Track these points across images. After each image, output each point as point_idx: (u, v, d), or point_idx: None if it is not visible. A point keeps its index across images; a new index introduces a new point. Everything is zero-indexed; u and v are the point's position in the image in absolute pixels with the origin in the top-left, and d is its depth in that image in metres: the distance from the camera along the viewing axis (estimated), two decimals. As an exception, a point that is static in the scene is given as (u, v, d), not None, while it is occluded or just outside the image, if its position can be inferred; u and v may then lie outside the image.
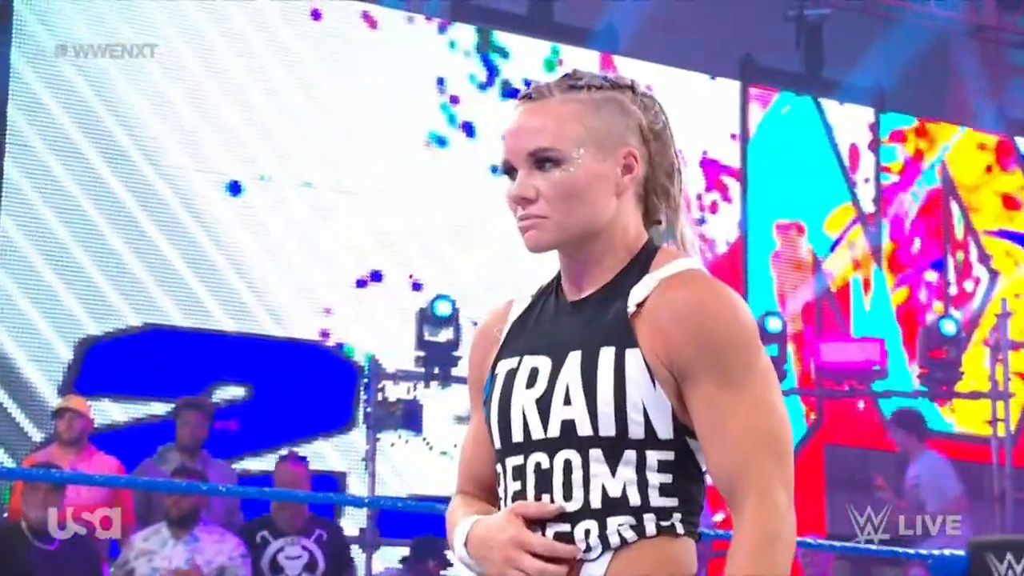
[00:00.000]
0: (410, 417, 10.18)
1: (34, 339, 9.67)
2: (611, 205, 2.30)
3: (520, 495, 2.27)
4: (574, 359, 2.24)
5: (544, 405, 2.26)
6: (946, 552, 5.43)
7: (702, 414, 2.20)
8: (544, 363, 2.28)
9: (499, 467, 2.33)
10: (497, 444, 2.33)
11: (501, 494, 2.33)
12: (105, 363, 9.88)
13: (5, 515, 7.68)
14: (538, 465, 2.26)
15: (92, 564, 7.30)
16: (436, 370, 10.31)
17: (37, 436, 9.38)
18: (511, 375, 2.31)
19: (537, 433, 2.26)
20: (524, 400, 2.28)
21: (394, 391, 10.37)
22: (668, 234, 2.38)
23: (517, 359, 2.32)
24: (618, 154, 2.30)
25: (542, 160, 2.29)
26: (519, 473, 2.28)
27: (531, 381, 2.28)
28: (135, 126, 10.08)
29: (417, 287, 10.81)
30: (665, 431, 2.21)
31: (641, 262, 2.30)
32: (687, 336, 2.20)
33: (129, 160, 10.03)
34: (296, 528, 7.85)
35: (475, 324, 9.85)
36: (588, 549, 2.21)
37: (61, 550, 7.11)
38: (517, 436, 2.29)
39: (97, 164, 9.92)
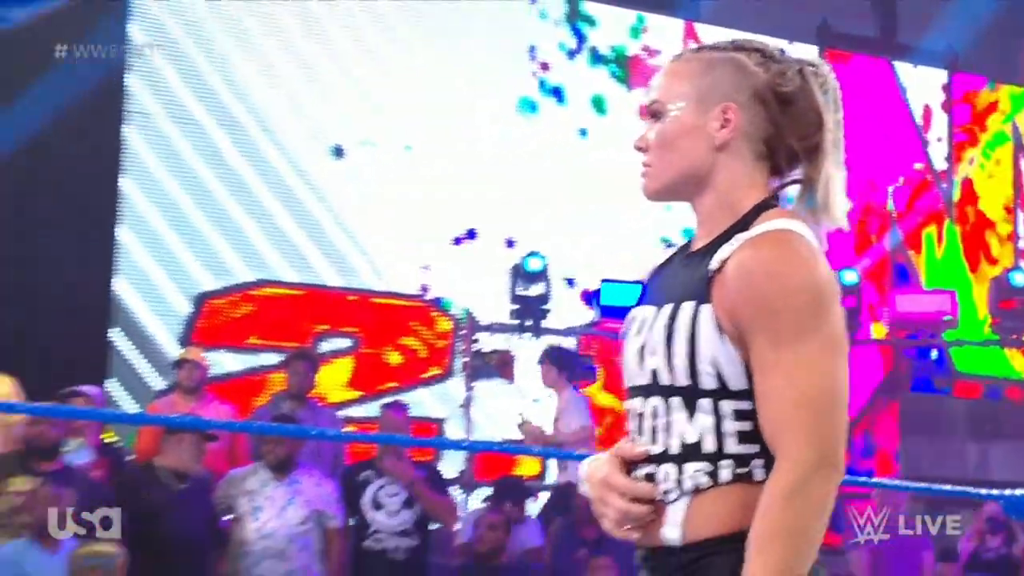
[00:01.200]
0: (504, 366, 10.25)
1: (155, 294, 9.84)
2: (708, 157, 2.30)
3: (630, 436, 2.31)
4: (665, 312, 2.26)
5: (641, 354, 2.29)
6: (1018, 492, 5.39)
7: (754, 370, 2.19)
8: (651, 313, 2.30)
9: None
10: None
11: None
12: (221, 316, 10.03)
13: (133, 457, 7.83)
14: (637, 409, 2.30)
15: (212, 503, 7.44)
16: (528, 322, 10.37)
17: (159, 384, 9.54)
18: (631, 322, 2.35)
19: (637, 380, 2.30)
20: (632, 348, 2.31)
21: (489, 342, 10.46)
22: (810, 196, 2.32)
23: (641, 308, 2.35)
24: (717, 109, 2.30)
25: (651, 113, 2.34)
26: (629, 416, 2.32)
27: (639, 330, 2.31)
28: (246, 94, 10.21)
29: (510, 244, 10.89)
30: (738, 383, 2.20)
31: (745, 221, 2.27)
32: (746, 295, 2.18)
33: (241, 126, 10.17)
34: (397, 469, 7.93)
35: (566, 280, 9.83)
36: (667, 492, 2.23)
37: (188, 490, 7.25)
38: (627, 382, 2.33)
39: (212, 130, 10.07)
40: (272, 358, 9.73)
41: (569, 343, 10.76)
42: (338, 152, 10.53)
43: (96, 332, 9.52)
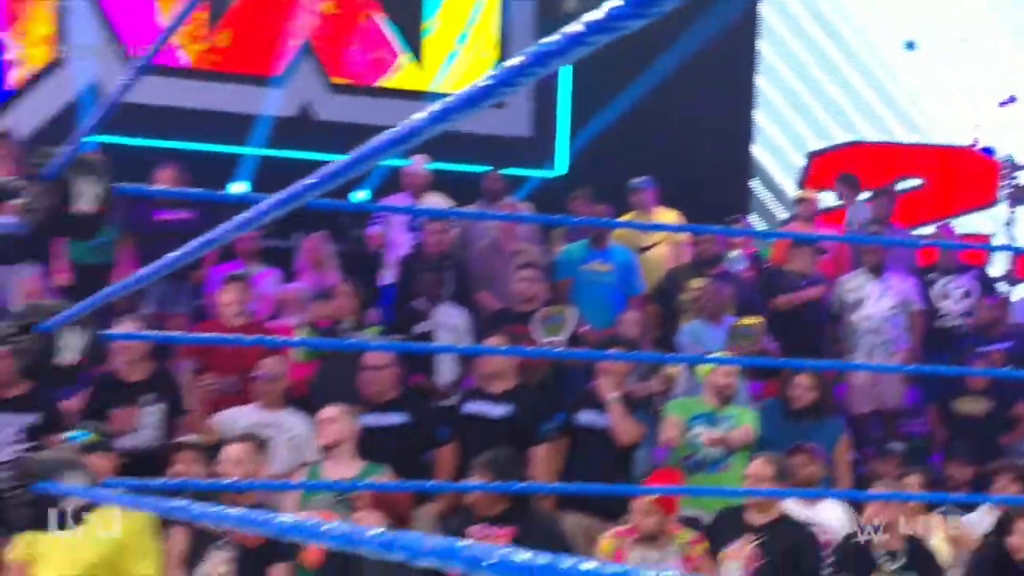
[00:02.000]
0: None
1: (780, 154, 9.92)
2: None
3: None
4: None
5: None
6: None
7: None
8: None
9: None
10: None
11: None
12: (825, 168, 9.97)
13: (769, 263, 7.94)
14: None
15: (824, 296, 7.47)
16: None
17: (783, 216, 9.62)
18: None
19: None
20: None
21: (1024, 177, 9.81)
22: None
23: None
24: None
25: None
26: None
27: None
28: (843, 7, 9.92)
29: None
30: None
31: None
32: None
33: (838, 30, 9.95)
34: (957, 268, 7.68)
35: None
36: None
37: (806, 285, 7.34)
38: None
39: (820, 37, 9.91)
40: (859, 196, 9.59)
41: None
42: (910, 45, 10.09)
43: (740, 182, 9.66)
